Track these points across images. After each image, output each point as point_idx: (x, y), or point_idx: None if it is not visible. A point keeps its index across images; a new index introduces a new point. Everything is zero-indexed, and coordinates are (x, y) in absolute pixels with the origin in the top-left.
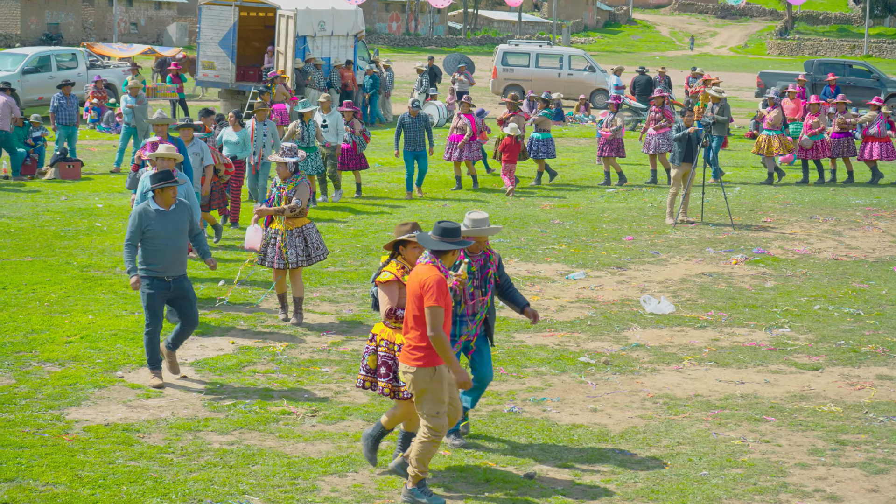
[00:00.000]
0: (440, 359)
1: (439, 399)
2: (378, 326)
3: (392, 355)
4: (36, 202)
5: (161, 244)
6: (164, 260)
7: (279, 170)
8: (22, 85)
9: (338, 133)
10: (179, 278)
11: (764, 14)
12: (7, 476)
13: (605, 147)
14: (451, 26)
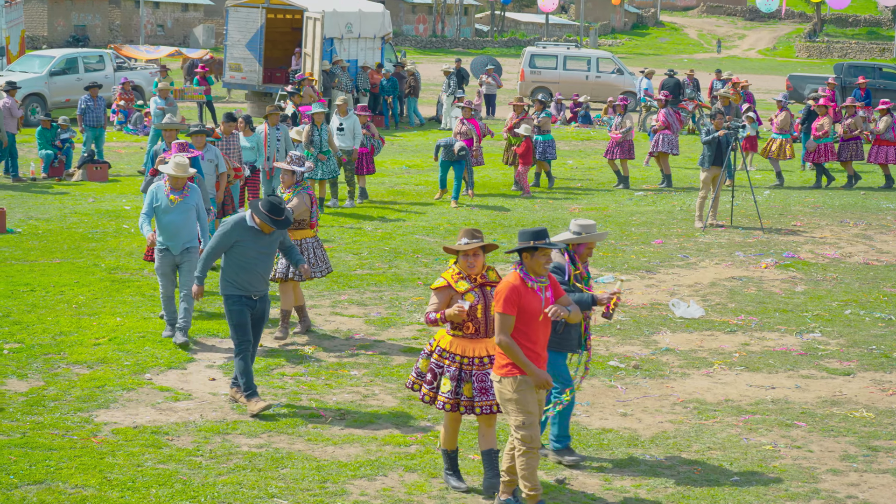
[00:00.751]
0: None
1: (524, 409)
2: (441, 332)
3: (441, 363)
4: (63, 204)
5: (245, 261)
6: (252, 277)
7: (284, 177)
8: (49, 87)
9: (354, 136)
10: (264, 298)
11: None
12: (36, 478)
13: (616, 149)
14: (477, 28)
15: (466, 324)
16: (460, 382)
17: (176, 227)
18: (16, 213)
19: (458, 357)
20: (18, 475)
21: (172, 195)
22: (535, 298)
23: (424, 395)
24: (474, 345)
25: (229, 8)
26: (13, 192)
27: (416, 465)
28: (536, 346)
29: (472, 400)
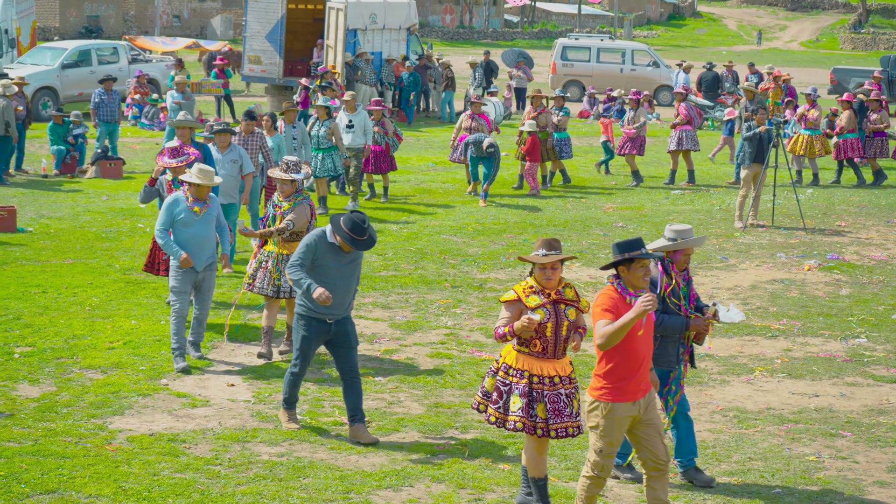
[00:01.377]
0: (620, 396)
1: (607, 438)
2: (507, 347)
3: (507, 381)
4: (76, 202)
5: (327, 282)
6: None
7: (283, 187)
8: (61, 80)
9: (365, 133)
10: (343, 320)
11: (836, 7)
12: (49, 488)
13: (627, 145)
14: (507, 19)
15: (534, 341)
16: (532, 402)
17: (199, 241)
18: (27, 212)
19: (527, 373)
20: (30, 484)
21: (196, 206)
22: None
23: (491, 416)
24: (542, 363)
25: None
26: (24, 190)
27: (444, 476)
28: (637, 364)
29: (547, 422)
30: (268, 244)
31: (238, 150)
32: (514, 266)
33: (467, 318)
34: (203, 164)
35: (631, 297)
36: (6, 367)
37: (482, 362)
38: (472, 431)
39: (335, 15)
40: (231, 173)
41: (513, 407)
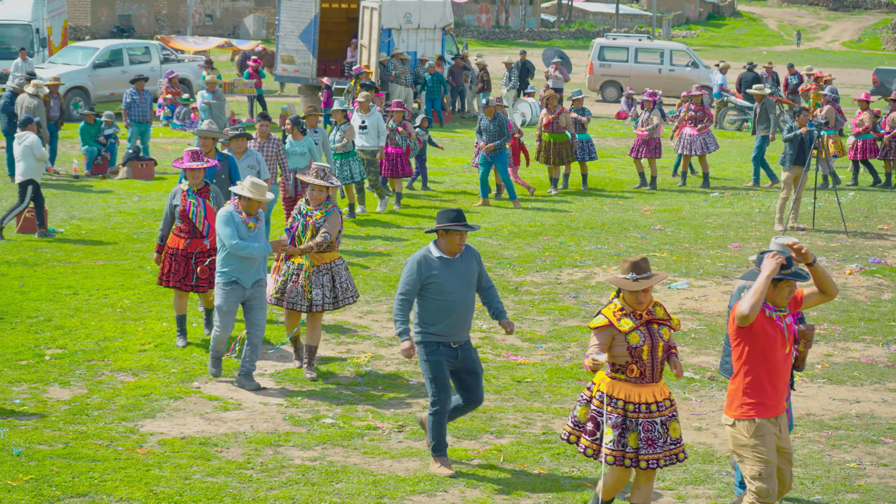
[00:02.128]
0: (763, 411)
1: (762, 457)
2: (601, 374)
3: (600, 409)
4: (108, 203)
5: (447, 301)
6: (450, 320)
7: (314, 194)
8: (93, 80)
9: (378, 135)
10: (466, 345)
11: (879, 6)
12: (80, 491)
13: (642, 148)
14: (543, 19)
15: (630, 366)
16: (625, 432)
17: (250, 258)
18: (58, 213)
19: (622, 403)
20: (61, 487)
21: (251, 222)
22: (773, 328)
23: (586, 449)
24: (639, 389)
25: None
26: (55, 191)
27: (479, 481)
28: (778, 378)
29: (637, 452)
30: (295, 256)
31: (255, 155)
32: (549, 269)
33: None
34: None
35: (770, 311)
36: (37, 369)
37: (517, 366)
38: (507, 436)
39: (369, 14)
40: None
41: (605, 439)
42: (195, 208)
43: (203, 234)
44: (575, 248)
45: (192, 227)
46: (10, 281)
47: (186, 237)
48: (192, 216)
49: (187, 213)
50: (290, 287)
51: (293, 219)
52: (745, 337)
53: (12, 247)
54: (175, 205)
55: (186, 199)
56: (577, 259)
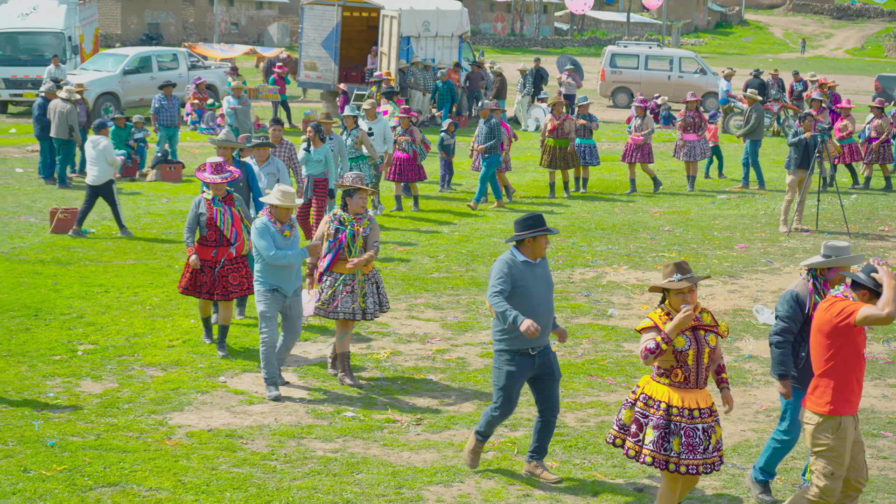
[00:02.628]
0: (848, 408)
1: (838, 458)
2: (645, 378)
3: (646, 412)
4: (137, 204)
5: (532, 305)
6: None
7: (358, 201)
8: (122, 86)
9: (385, 140)
10: (545, 350)
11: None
12: (111, 481)
13: (636, 153)
14: (557, 27)
15: (675, 370)
16: (669, 435)
17: (288, 266)
18: (90, 214)
19: (665, 405)
20: (93, 477)
21: (286, 231)
22: (860, 335)
23: (630, 450)
24: (683, 394)
25: (305, 6)
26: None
27: (493, 472)
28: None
29: (679, 457)
30: (339, 267)
31: (276, 162)
32: (561, 268)
33: None
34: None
35: None
36: (70, 364)
37: None
38: (521, 429)
39: (389, 23)
40: (269, 187)
41: (646, 440)
42: (222, 216)
43: (230, 241)
44: (587, 248)
45: (220, 235)
46: (44, 279)
47: (213, 246)
48: (221, 224)
49: (215, 222)
50: (342, 298)
51: (336, 229)
52: (844, 337)
53: (46, 246)
54: (201, 213)
55: (212, 207)
56: (589, 259)
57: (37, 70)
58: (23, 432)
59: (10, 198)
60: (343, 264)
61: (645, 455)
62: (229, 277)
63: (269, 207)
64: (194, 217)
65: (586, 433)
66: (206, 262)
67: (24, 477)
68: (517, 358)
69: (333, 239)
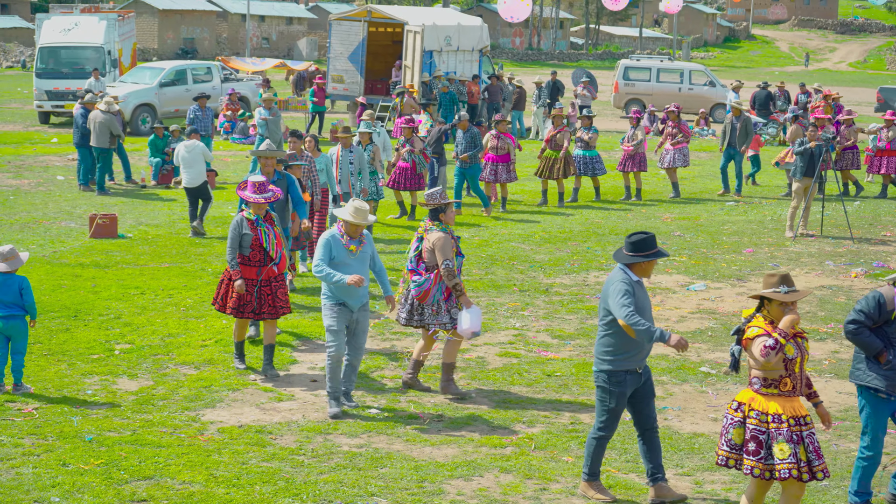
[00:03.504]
0: None
1: None
2: (745, 394)
3: (764, 429)
4: (172, 210)
5: (647, 319)
6: (644, 344)
7: (451, 215)
8: (159, 97)
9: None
10: (646, 367)
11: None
12: (146, 474)
13: (628, 162)
14: (573, 41)
15: (784, 379)
16: (795, 446)
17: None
18: (127, 219)
19: (785, 416)
20: (129, 471)
21: (352, 245)
22: None
23: (754, 469)
24: (792, 403)
25: (332, 21)
26: (125, 199)
27: (512, 467)
28: None
29: (810, 464)
30: None
31: (288, 177)
32: (577, 272)
33: (534, 321)
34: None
35: None
36: (107, 362)
37: (548, 361)
38: (539, 426)
39: (413, 37)
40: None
41: (780, 455)
42: (267, 236)
43: (275, 260)
44: (601, 252)
45: (264, 255)
46: (83, 282)
47: (258, 265)
48: (266, 244)
49: (260, 242)
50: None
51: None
52: None
53: (86, 250)
54: (244, 234)
55: (256, 227)
56: (603, 263)
57: (78, 82)
58: (62, 428)
59: (52, 204)
60: None
61: (788, 470)
62: (277, 294)
63: (340, 221)
64: (237, 238)
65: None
66: (250, 281)
67: (63, 471)
68: (627, 378)
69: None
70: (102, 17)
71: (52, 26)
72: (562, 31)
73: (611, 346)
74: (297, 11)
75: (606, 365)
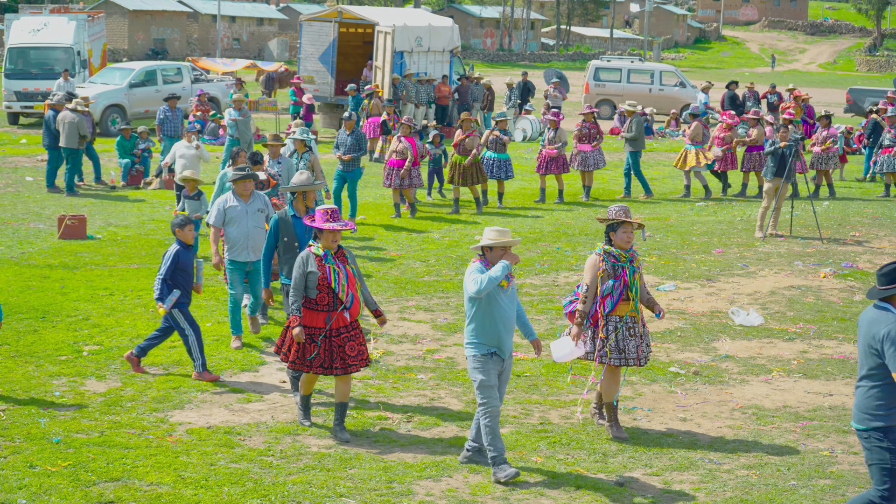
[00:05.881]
0: None
1: None
2: None
3: None
4: (141, 211)
5: None
6: None
7: (623, 235)
8: (129, 98)
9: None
10: None
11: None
12: (113, 476)
13: (551, 164)
14: (544, 42)
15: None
16: None
17: (507, 321)
18: (96, 220)
19: None
20: (97, 472)
21: (504, 281)
22: None
23: None
24: None
25: (303, 22)
26: (94, 200)
27: (480, 467)
28: None
29: None
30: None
31: (262, 197)
32: (547, 272)
33: None
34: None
35: None
36: (76, 363)
37: (517, 362)
38: (507, 426)
39: (383, 38)
40: (257, 224)
41: None
42: (336, 275)
43: (346, 305)
44: (571, 253)
45: (333, 298)
46: (51, 283)
47: (326, 311)
48: (335, 285)
49: (329, 282)
50: (628, 342)
51: (613, 267)
52: None
53: (54, 251)
54: (310, 272)
55: (324, 264)
56: (573, 263)
57: (47, 83)
58: (29, 429)
59: (21, 205)
60: (626, 306)
61: None
62: (346, 348)
63: (481, 252)
64: (302, 277)
65: (570, 430)
66: (317, 329)
67: (30, 472)
68: None
69: (613, 277)
70: (72, 18)
71: (22, 27)
72: (533, 31)
73: (882, 399)
74: (267, 12)
75: (879, 421)
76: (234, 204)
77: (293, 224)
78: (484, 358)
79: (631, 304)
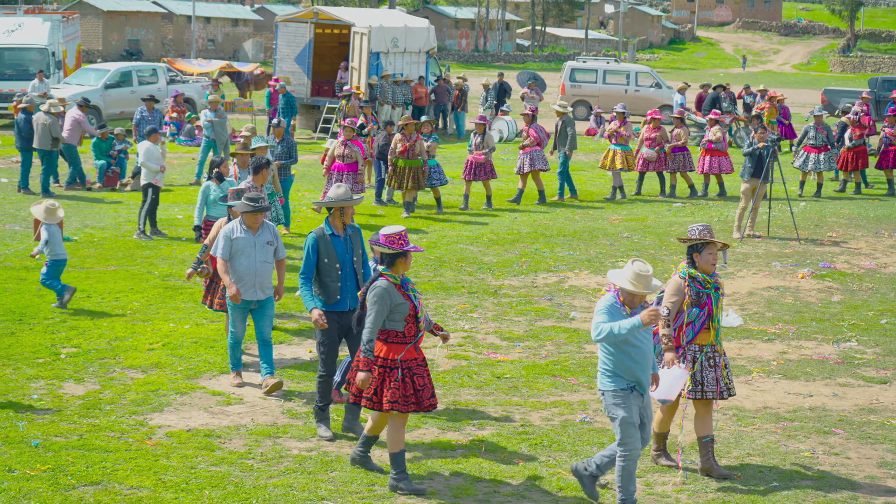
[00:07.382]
0: None
1: None
2: None
3: None
4: (118, 213)
5: None
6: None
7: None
8: (104, 99)
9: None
10: None
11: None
12: (93, 479)
13: (478, 170)
14: (519, 43)
15: None
16: None
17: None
18: (72, 222)
19: None
20: (76, 476)
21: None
22: None
23: None
24: None
25: (279, 23)
26: (69, 201)
27: (462, 469)
28: None
29: None
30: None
31: (271, 228)
32: (526, 273)
33: (483, 322)
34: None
35: None
36: (54, 366)
37: (497, 363)
38: (489, 428)
39: (359, 39)
40: (265, 259)
41: None
42: (418, 303)
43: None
44: (549, 254)
45: (417, 328)
46: (28, 285)
47: (412, 341)
48: (420, 313)
49: (416, 312)
50: (707, 374)
51: (697, 293)
52: None
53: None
54: (399, 304)
55: (407, 294)
56: (552, 264)
57: (22, 84)
58: (7, 433)
59: None
60: (707, 335)
61: None
62: (416, 380)
63: (616, 288)
64: (385, 310)
65: (551, 431)
66: (389, 361)
67: (9, 476)
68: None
69: (698, 305)
70: (46, 19)
71: None
72: (508, 32)
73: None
74: (242, 13)
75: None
76: (242, 235)
77: (332, 243)
78: (625, 393)
79: (712, 333)
